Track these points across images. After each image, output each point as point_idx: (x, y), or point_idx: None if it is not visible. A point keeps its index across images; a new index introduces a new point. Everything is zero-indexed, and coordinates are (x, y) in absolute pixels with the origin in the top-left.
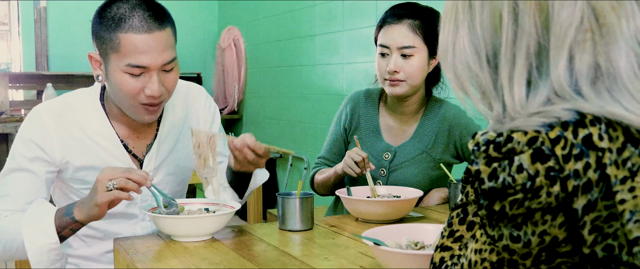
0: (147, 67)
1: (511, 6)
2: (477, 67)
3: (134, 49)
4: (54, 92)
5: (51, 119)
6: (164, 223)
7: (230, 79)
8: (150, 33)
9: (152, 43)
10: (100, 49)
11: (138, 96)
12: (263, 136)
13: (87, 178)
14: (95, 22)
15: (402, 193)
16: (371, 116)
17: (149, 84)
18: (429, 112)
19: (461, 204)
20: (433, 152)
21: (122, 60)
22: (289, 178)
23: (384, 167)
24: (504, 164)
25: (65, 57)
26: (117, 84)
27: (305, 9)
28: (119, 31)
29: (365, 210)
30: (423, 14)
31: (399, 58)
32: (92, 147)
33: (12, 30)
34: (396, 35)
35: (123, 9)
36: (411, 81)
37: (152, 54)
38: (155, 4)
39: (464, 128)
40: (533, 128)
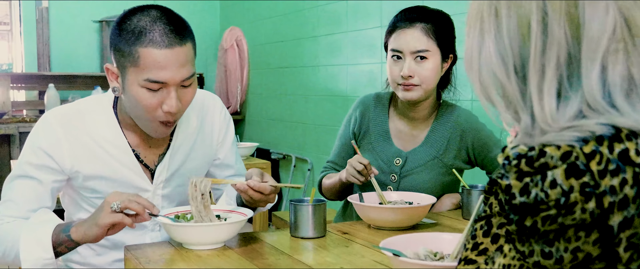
0: (166, 82)
1: (540, 15)
2: (504, 77)
3: (154, 64)
4: (56, 93)
5: (61, 126)
6: (176, 230)
7: (232, 80)
8: (171, 48)
9: (172, 58)
10: (118, 62)
11: (155, 112)
12: (265, 137)
13: (96, 187)
14: (114, 34)
15: (415, 199)
16: (381, 120)
17: (167, 100)
18: (441, 117)
19: (485, 215)
20: (444, 157)
21: (141, 75)
22: (292, 180)
23: (395, 173)
24: (536, 179)
25: (68, 58)
26: (134, 98)
27: (309, 10)
28: (139, 45)
29: (377, 217)
30: (435, 17)
31: (413, 62)
32: (103, 156)
33: (13, 30)
34: (409, 39)
35: (143, 22)
36: (425, 85)
37: (172, 69)
38: (176, 18)
39: (477, 134)
40: (566, 142)
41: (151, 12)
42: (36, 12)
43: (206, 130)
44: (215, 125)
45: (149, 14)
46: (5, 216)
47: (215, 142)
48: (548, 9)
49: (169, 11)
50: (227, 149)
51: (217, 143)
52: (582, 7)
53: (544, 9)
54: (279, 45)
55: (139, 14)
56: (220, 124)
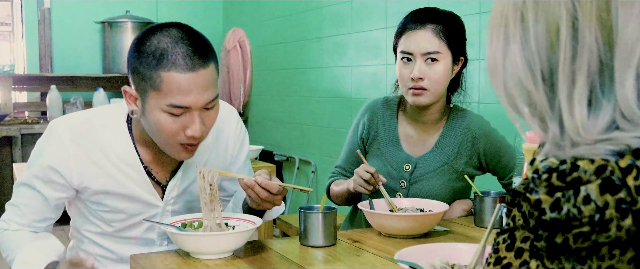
0: (190, 107)
1: (570, 20)
2: (530, 85)
3: (177, 89)
4: (58, 95)
5: (71, 140)
6: (183, 240)
7: (235, 81)
8: (195, 72)
9: (196, 82)
10: (137, 85)
11: (178, 136)
12: (269, 138)
13: (104, 201)
14: (132, 56)
15: (426, 206)
16: (390, 125)
17: (190, 124)
18: (452, 122)
19: (508, 229)
20: (455, 164)
21: (163, 100)
22: (296, 182)
23: (405, 179)
24: (568, 194)
25: (70, 59)
26: (155, 123)
27: (313, 11)
28: (161, 69)
29: (388, 225)
30: (446, 19)
31: (423, 65)
32: (113, 173)
33: (15, 31)
34: (420, 40)
35: (164, 44)
36: (435, 88)
37: (195, 94)
38: (198, 37)
39: (488, 140)
40: (601, 156)
41: (171, 31)
42: (38, 13)
43: (221, 144)
44: (230, 139)
45: (170, 33)
46: (12, 221)
47: (229, 157)
48: (578, 13)
49: (189, 30)
50: (240, 164)
51: (232, 157)
52: (615, 11)
53: (573, 13)
54: (282, 46)
55: (159, 34)
56: (235, 139)
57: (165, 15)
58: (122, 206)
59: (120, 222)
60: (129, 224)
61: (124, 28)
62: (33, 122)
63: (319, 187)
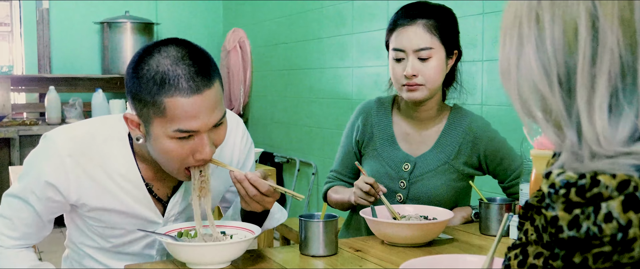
0: (198, 131)
1: (590, 20)
2: (546, 89)
3: (183, 114)
4: (56, 96)
5: (70, 156)
6: (179, 250)
7: (235, 82)
8: (200, 94)
9: (202, 104)
10: (139, 111)
11: (186, 160)
12: (269, 140)
13: (102, 218)
14: (131, 81)
15: (430, 213)
16: (385, 125)
17: (199, 147)
18: (453, 121)
19: (520, 243)
20: (455, 163)
21: (169, 126)
22: (297, 184)
23: (404, 179)
24: (588, 211)
25: (68, 60)
26: (162, 149)
27: (313, 11)
28: (164, 95)
29: (392, 233)
30: (437, 13)
31: (416, 61)
32: (113, 190)
33: (14, 31)
34: (411, 36)
35: (164, 66)
36: (430, 84)
37: (203, 117)
38: (199, 54)
39: (490, 141)
40: (623, 171)
41: (170, 50)
42: (36, 13)
43: (225, 156)
44: (235, 151)
45: (168, 54)
46: (3, 235)
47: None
48: (599, 12)
49: (189, 46)
50: None
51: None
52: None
53: (593, 12)
54: (283, 46)
55: (157, 55)
56: (240, 150)
57: (165, 16)
58: (121, 223)
59: (119, 238)
60: (127, 240)
61: (123, 28)
62: (31, 124)
63: (320, 190)
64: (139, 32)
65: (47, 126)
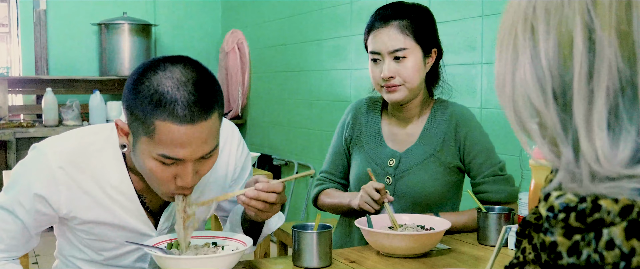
0: (183, 160)
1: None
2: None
3: (170, 141)
4: (53, 98)
5: (61, 168)
6: (168, 263)
7: (233, 84)
8: (193, 124)
9: (194, 136)
10: (129, 123)
11: (168, 183)
12: (267, 142)
13: (93, 231)
14: (129, 91)
15: (427, 223)
16: (373, 123)
17: (182, 173)
18: (435, 114)
19: (517, 263)
20: (441, 155)
21: (154, 148)
22: (295, 186)
23: (390, 175)
24: (588, 238)
25: (66, 61)
26: (145, 167)
27: (312, 13)
28: (156, 117)
29: (388, 244)
30: (411, 12)
31: (392, 62)
32: (105, 202)
33: (12, 32)
34: (385, 39)
35: (164, 87)
36: (409, 84)
37: (191, 148)
38: (205, 81)
39: (469, 129)
40: (626, 195)
41: (175, 71)
42: (34, 15)
43: (220, 167)
44: (231, 161)
45: (173, 75)
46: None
47: (229, 180)
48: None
49: (197, 71)
50: (239, 188)
51: (231, 180)
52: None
53: (590, 24)
54: (282, 48)
55: (161, 73)
56: (236, 161)
57: (162, 18)
58: (112, 236)
59: (110, 251)
60: (119, 253)
61: (121, 30)
62: (28, 126)
63: None
64: (137, 34)
65: (44, 128)
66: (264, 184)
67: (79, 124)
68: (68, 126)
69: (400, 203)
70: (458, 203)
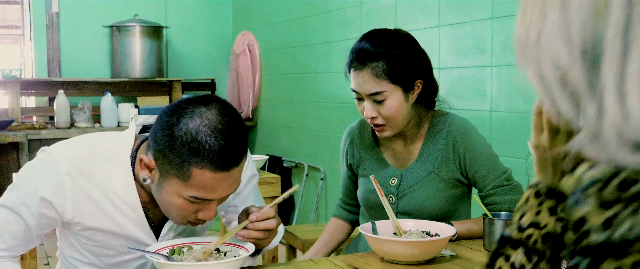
0: (212, 200)
1: None
2: (567, 61)
3: (204, 186)
4: (65, 99)
5: (69, 175)
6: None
7: (244, 85)
8: (227, 171)
9: (226, 181)
10: (159, 162)
11: (188, 216)
12: (277, 144)
13: (95, 237)
14: (163, 135)
15: (432, 229)
16: (370, 146)
17: (205, 210)
18: (433, 129)
19: None
20: (441, 171)
21: (186, 191)
22: (305, 189)
23: (392, 194)
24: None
25: (78, 63)
26: (169, 202)
27: (321, 15)
28: (193, 164)
29: (392, 251)
30: (387, 51)
31: (372, 104)
32: (110, 211)
33: (25, 34)
34: (362, 82)
35: (202, 135)
36: (392, 123)
37: (222, 190)
38: (237, 127)
39: (468, 145)
40: None
41: (210, 117)
42: (46, 17)
43: None
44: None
45: (209, 122)
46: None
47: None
48: None
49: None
50: (244, 198)
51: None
52: None
53: None
54: (292, 50)
55: (198, 120)
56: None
57: (174, 20)
58: (114, 244)
59: (110, 258)
60: (119, 261)
61: (133, 32)
62: (40, 128)
63: (328, 195)
64: (148, 36)
65: (56, 129)
66: (257, 214)
67: (90, 125)
68: (80, 128)
69: None
70: (468, 213)
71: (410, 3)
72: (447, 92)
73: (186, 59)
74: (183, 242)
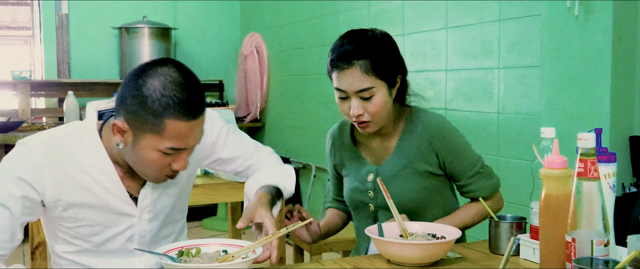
0: (185, 149)
1: None
2: None
3: (179, 135)
4: (75, 100)
5: (43, 153)
6: None
7: (252, 87)
8: (196, 119)
9: (195, 128)
10: (132, 123)
11: (164, 170)
12: (285, 145)
13: (78, 216)
14: (132, 97)
15: (438, 231)
16: (349, 145)
17: (179, 160)
18: (409, 125)
19: None
20: (416, 164)
21: (162, 143)
22: (312, 190)
23: (370, 189)
24: None
25: (87, 65)
26: (145, 158)
27: (329, 16)
28: (166, 116)
29: (398, 253)
30: (372, 49)
31: (359, 101)
32: (89, 184)
33: (35, 35)
34: (350, 80)
35: (169, 90)
36: (378, 118)
37: (193, 138)
38: (195, 80)
39: (446, 141)
40: None
41: (171, 74)
42: (56, 19)
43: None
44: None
45: (172, 79)
46: None
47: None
48: None
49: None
50: (222, 147)
51: (210, 146)
52: None
53: None
54: (300, 51)
55: (162, 77)
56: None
57: (182, 21)
58: (97, 218)
59: (97, 235)
60: (106, 238)
61: (141, 33)
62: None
63: None
64: (157, 37)
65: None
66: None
67: None
68: None
69: (386, 215)
70: (450, 203)
71: (417, 5)
72: (455, 94)
73: (194, 60)
74: (192, 244)
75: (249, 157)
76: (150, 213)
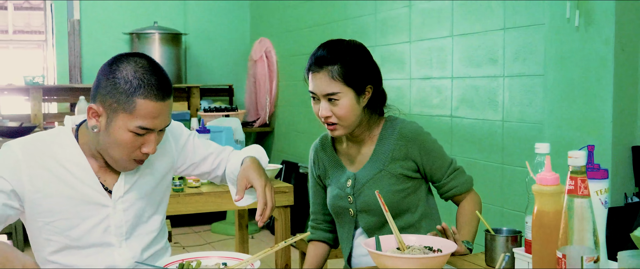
0: (154, 129)
1: None
2: None
3: (148, 114)
4: (86, 105)
5: (22, 149)
6: None
7: (261, 92)
8: (164, 101)
9: (163, 110)
10: (106, 105)
11: (134, 152)
12: (294, 150)
13: (56, 208)
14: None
15: (434, 243)
16: (331, 155)
17: (147, 142)
18: (384, 132)
19: None
20: (391, 168)
21: (133, 122)
22: None
23: (350, 195)
24: None
25: None
26: (118, 139)
27: (337, 22)
28: (137, 95)
29: (395, 266)
30: (343, 56)
31: (327, 103)
32: (65, 176)
33: (47, 40)
34: (319, 83)
35: (139, 74)
36: (344, 122)
37: (161, 119)
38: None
39: (422, 144)
40: None
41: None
42: (68, 24)
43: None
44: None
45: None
46: None
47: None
48: None
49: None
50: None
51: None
52: None
53: None
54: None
55: (133, 64)
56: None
57: (192, 27)
58: (74, 210)
59: (75, 229)
60: (83, 231)
61: (152, 39)
62: None
63: None
64: (168, 43)
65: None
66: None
67: None
68: None
69: (365, 219)
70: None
71: (423, 12)
72: (460, 102)
73: (205, 65)
74: (192, 257)
75: (218, 154)
76: (124, 203)
